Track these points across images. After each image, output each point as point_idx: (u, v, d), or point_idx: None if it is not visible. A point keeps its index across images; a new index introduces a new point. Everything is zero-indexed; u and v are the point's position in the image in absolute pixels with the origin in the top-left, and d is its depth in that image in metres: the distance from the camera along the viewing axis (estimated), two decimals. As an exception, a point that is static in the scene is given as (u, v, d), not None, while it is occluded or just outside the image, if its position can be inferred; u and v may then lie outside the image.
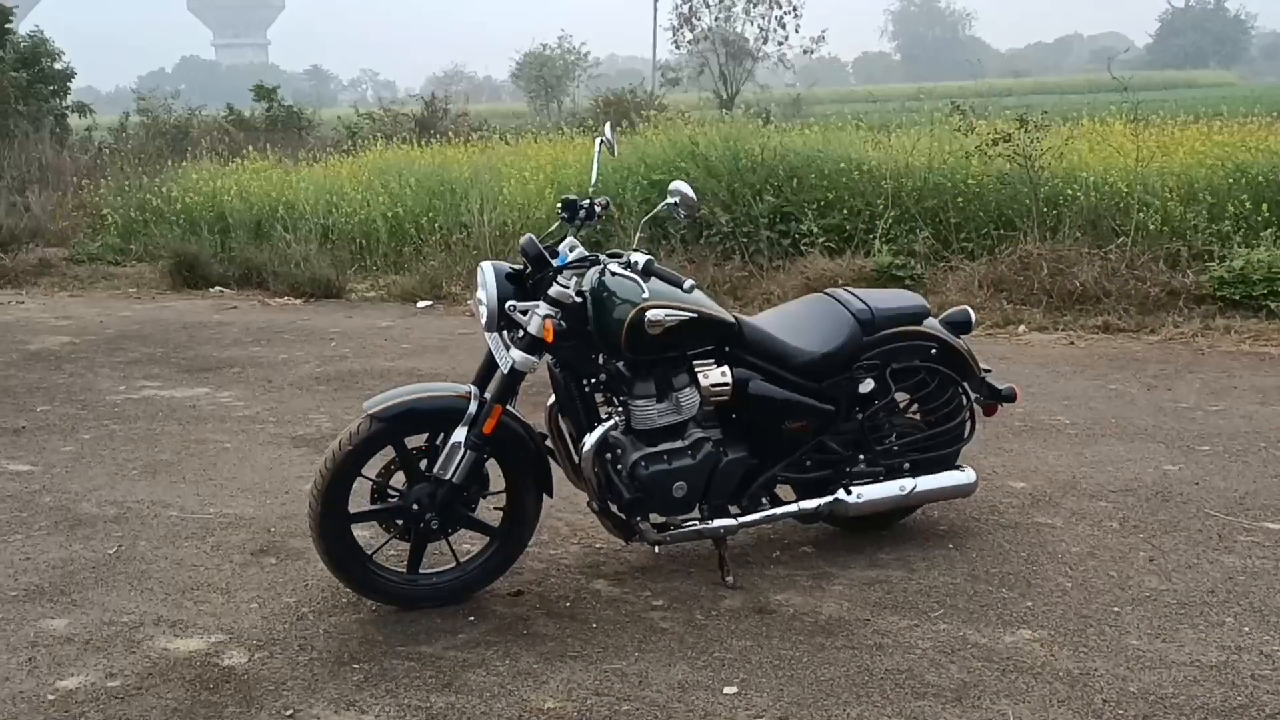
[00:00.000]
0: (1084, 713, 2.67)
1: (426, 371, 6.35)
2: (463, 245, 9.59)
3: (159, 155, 13.96)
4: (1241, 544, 3.64)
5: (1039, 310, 7.22)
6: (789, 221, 8.63)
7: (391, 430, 3.25)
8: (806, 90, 30.80)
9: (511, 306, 3.20)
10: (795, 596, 3.37)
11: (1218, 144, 8.55)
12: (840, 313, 3.63)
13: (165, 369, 6.71)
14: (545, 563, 3.67)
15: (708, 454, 3.37)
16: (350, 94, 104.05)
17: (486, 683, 2.90)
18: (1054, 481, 4.30)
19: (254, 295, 9.49)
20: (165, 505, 4.31)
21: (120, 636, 3.21)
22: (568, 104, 34.57)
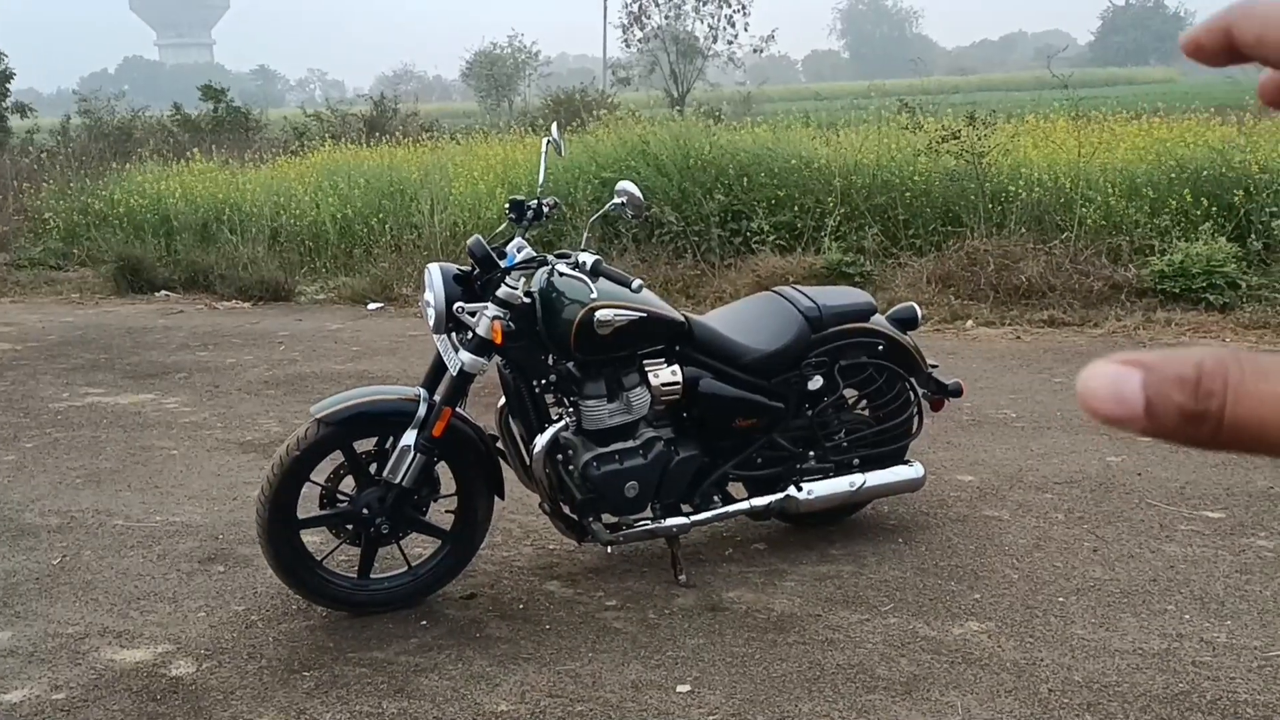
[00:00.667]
0: (1030, 702, 2.72)
1: (377, 374, 6.31)
2: (413, 246, 9.52)
3: (101, 157, 13.71)
4: (1182, 533, 3.72)
5: (986, 305, 7.31)
6: (740, 220, 8.67)
7: (340, 434, 3.23)
8: (757, 88, 30.92)
9: (460, 308, 3.19)
10: (747, 594, 3.39)
11: (1157, 140, 8.71)
12: (789, 311, 3.66)
13: (109, 375, 6.60)
14: (498, 565, 3.66)
15: (659, 453, 3.38)
16: (298, 94, 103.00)
17: (439, 687, 2.89)
18: (1001, 474, 4.36)
19: (200, 299, 9.35)
20: (110, 514, 4.24)
21: (65, 648, 3.16)
22: (518, 103, 34.45)
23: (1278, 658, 2.88)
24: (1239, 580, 3.34)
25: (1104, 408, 0.32)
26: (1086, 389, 0.32)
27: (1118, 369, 0.32)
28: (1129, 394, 0.31)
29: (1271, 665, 2.84)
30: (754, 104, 23.71)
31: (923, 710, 2.70)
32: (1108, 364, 0.32)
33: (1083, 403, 0.32)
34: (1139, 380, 0.31)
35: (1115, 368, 0.32)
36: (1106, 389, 0.32)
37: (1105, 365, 0.32)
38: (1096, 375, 0.32)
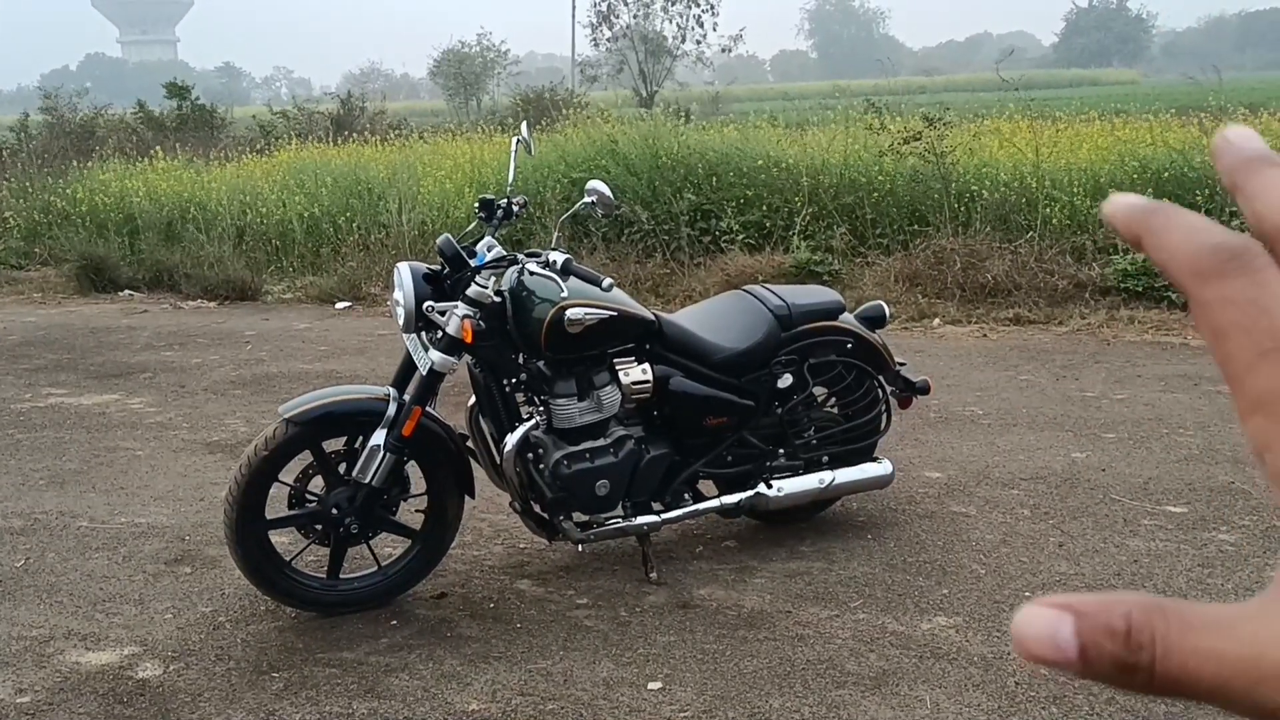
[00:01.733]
0: (998, 695, 2.75)
1: (345, 374, 6.27)
2: (381, 245, 9.47)
3: (63, 155, 13.52)
4: (1145, 527, 3.77)
5: (952, 304, 7.38)
6: (709, 219, 8.69)
7: (308, 434, 3.21)
8: (725, 88, 31.05)
9: (429, 307, 3.18)
10: (718, 591, 3.41)
11: (1120, 140, 8.82)
12: (758, 309, 3.68)
13: (73, 376, 6.52)
14: (468, 564, 3.65)
15: (630, 451, 3.39)
16: (263, 92, 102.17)
17: (410, 687, 2.88)
18: (968, 471, 4.40)
19: (165, 298, 9.26)
20: (74, 516, 4.19)
21: (30, 651, 3.12)
22: (487, 102, 34.35)
23: (1239, 649, 2.92)
24: (1201, 574, 3.39)
25: (1039, 651, 0.32)
26: (1022, 633, 0.32)
27: (1052, 615, 0.32)
28: (1063, 641, 0.32)
29: (1233, 657, 2.89)
30: (722, 103, 23.79)
31: (892, 705, 2.73)
32: (1042, 609, 0.32)
33: (1018, 645, 0.32)
34: (1071, 627, 0.32)
35: (1050, 614, 0.32)
36: (1041, 634, 0.32)
37: (1040, 610, 0.32)
38: (1032, 620, 0.32)
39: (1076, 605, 0.32)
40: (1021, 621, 0.32)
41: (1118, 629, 0.31)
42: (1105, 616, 0.32)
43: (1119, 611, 0.32)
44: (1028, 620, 0.32)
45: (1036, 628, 0.32)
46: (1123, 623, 0.31)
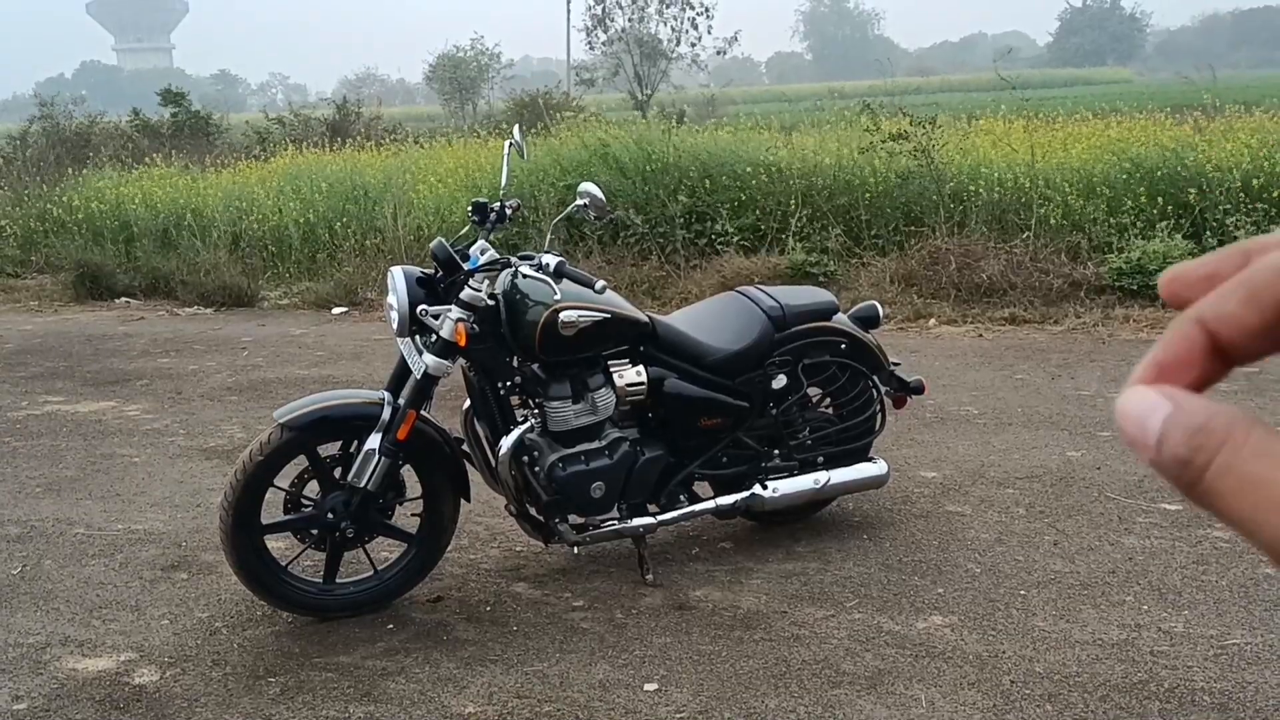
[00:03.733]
0: (993, 694, 2.76)
1: (341, 379, 6.27)
2: (377, 250, 9.47)
3: (59, 163, 13.52)
4: (1140, 525, 3.78)
5: (948, 304, 7.39)
6: (704, 221, 8.70)
7: (303, 439, 3.22)
8: (720, 90, 31.08)
9: (423, 311, 3.18)
10: (714, 592, 3.41)
11: (1114, 139, 8.83)
12: (752, 310, 3.68)
13: (69, 383, 6.52)
14: (464, 568, 3.66)
15: (625, 453, 3.39)
16: (259, 98, 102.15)
17: (406, 690, 2.88)
18: (963, 470, 4.41)
19: (162, 305, 9.26)
20: (71, 522, 4.19)
21: (26, 658, 3.12)
22: (482, 106, 34.35)
23: (1234, 646, 2.93)
24: (1195, 571, 3.40)
25: (1129, 429, 0.33)
26: (1124, 408, 0.34)
27: (1155, 399, 0.33)
28: (1151, 425, 0.33)
29: (1227, 653, 2.90)
30: (718, 106, 23.81)
31: (887, 704, 2.73)
32: (1148, 392, 0.33)
33: (1118, 419, 0.34)
34: (1164, 414, 0.33)
35: (1154, 397, 0.33)
36: (1137, 413, 0.33)
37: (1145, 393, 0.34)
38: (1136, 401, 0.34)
39: (1179, 397, 0.33)
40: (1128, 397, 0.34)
41: (1192, 424, 0.32)
42: (1190, 411, 0.32)
43: (1205, 411, 0.32)
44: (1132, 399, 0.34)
45: (1136, 407, 0.33)
46: (1201, 420, 0.32)
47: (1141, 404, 0.33)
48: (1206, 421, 0.32)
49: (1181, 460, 0.32)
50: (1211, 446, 0.31)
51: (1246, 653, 2.90)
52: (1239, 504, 0.31)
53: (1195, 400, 0.33)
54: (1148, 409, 0.33)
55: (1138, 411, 0.33)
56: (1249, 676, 2.78)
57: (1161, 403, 0.33)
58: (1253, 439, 0.31)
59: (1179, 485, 0.33)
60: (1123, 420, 0.34)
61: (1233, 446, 0.31)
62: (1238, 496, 0.31)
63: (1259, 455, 0.31)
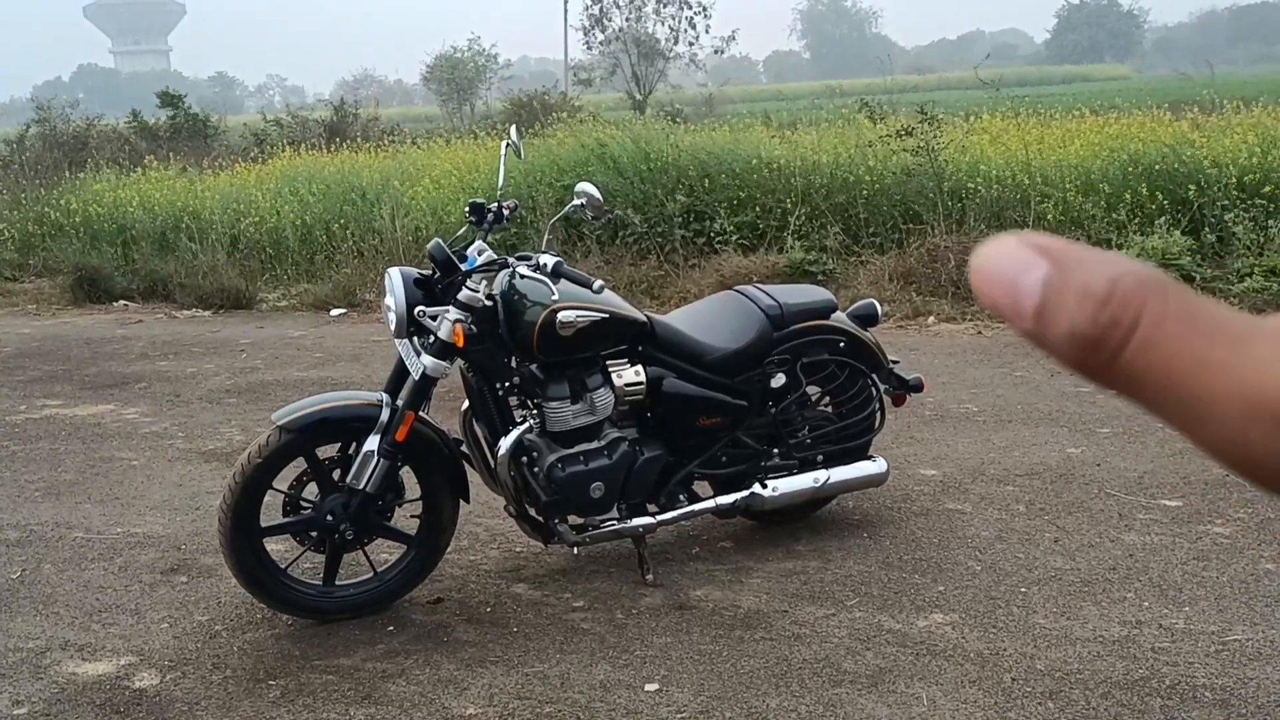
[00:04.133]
0: (994, 691, 2.75)
1: (340, 381, 6.27)
2: (375, 251, 9.47)
3: (56, 166, 13.52)
4: (1140, 522, 3.77)
5: (947, 301, 7.38)
6: (702, 220, 8.69)
7: (302, 441, 3.21)
8: (718, 89, 31.07)
9: (421, 312, 3.18)
10: (714, 591, 3.41)
11: (1112, 136, 8.82)
12: (750, 309, 3.68)
13: (68, 387, 6.51)
14: (464, 569, 3.65)
15: (624, 453, 3.39)
16: (257, 100, 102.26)
17: (407, 692, 2.88)
18: (963, 468, 4.41)
19: (160, 308, 9.25)
20: (70, 526, 4.19)
21: (26, 663, 3.11)
22: (480, 107, 34.34)
23: (1235, 642, 2.93)
24: (1196, 567, 3.39)
25: (993, 293, 0.26)
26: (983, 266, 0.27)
27: (1025, 254, 0.26)
28: (1026, 287, 0.26)
29: (1228, 649, 2.89)
30: (716, 105, 23.80)
31: (889, 702, 2.73)
32: (1016, 244, 0.26)
33: (974, 279, 0.27)
34: (1042, 275, 0.26)
35: (1023, 251, 0.26)
36: (1004, 271, 0.26)
37: (1013, 244, 0.26)
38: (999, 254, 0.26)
39: (1058, 252, 0.26)
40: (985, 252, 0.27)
41: (1094, 292, 0.26)
42: (1084, 274, 0.26)
43: (1106, 273, 0.26)
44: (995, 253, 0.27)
45: (1001, 264, 0.27)
46: (1104, 287, 0.26)
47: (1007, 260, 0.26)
48: (1112, 287, 0.25)
49: (1089, 340, 0.25)
50: (1126, 320, 0.25)
51: (1248, 648, 2.89)
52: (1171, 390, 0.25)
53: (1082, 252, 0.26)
54: (1017, 266, 0.26)
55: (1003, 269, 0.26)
56: (1250, 672, 2.78)
57: (1035, 259, 0.26)
58: (1173, 305, 0.25)
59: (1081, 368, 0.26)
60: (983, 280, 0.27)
61: (1151, 317, 0.25)
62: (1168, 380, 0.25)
63: (1187, 323, 0.25)
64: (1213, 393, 0.24)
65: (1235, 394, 0.24)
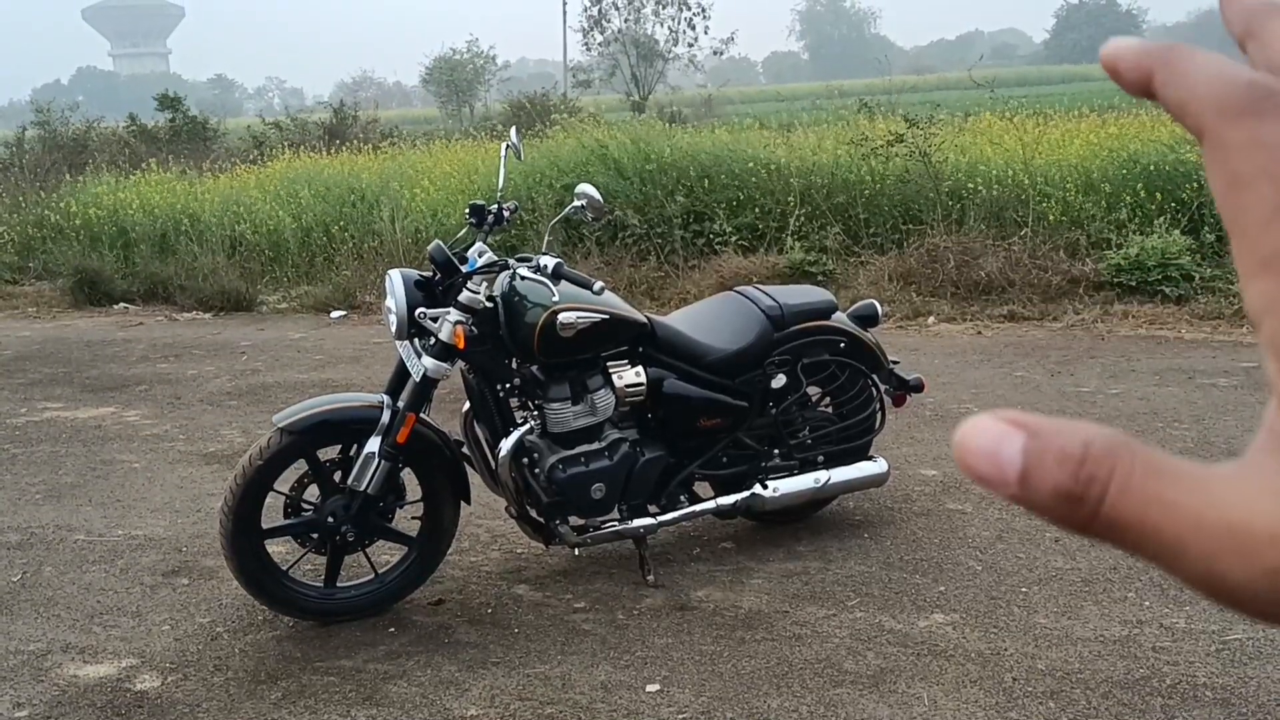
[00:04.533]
0: (995, 691, 2.75)
1: (341, 382, 6.27)
2: (375, 253, 9.47)
3: (56, 169, 13.52)
4: (1141, 521, 3.77)
5: (947, 301, 7.38)
6: (702, 221, 8.70)
7: (303, 443, 3.21)
8: (717, 90, 31.07)
9: (422, 314, 3.18)
10: (715, 592, 3.41)
11: (1111, 136, 8.83)
12: (751, 310, 3.68)
13: (68, 389, 6.51)
14: (465, 570, 3.65)
15: (625, 454, 3.39)
16: (256, 102, 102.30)
17: (408, 694, 2.88)
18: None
19: (160, 311, 9.25)
20: (71, 529, 4.19)
21: (27, 665, 3.12)
22: (479, 108, 34.36)
23: (1235, 641, 2.93)
24: (1197, 566, 3.39)
25: (978, 466, 0.29)
26: (964, 443, 0.30)
27: (1001, 428, 0.29)
28: (1007, 456, 0.29)
29: (1229, 649, 2.90)
30: (715, 106, 23.82)
31: (890, 703, 2.73)
32: (991, 420, 0.30)
33: (958, 456, 0.30)
34: (1020, 444, 0.29)
35: (999, 426, 0.29)
36: (985, 446, 0.29)
37: (988, 421, 0.30)
38: (977, 431, 0.30)
39: (1030, 423, 0.29)
40: (966, 431, 0.30)
41: (1070, 455, 0.28)
42: (1061, 440, 0.29)
43: (1077, 438, 0.29)
44: (973, 431, 0.30)
45: (981, 440, 0.29)
46: (1079, 449, 0.28)
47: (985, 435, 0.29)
48: (1085, 449, 0.28)
49: (1071, 496, 0.28)
50: (1103, 476, 0.28)
51: (1248, 648, 2.89)
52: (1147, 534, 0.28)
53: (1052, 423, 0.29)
54: (995, 439, 0.29)
55: (983, 444, 0.29)
56: (1251, 671, 2.78)
57: (1010, 431, 0.29)
58: (1140, 457, 0.28)
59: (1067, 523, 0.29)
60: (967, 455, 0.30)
61: (1122, 472, 0.28)
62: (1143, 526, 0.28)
63: (1155, 475, 0.28)
64: (1181, 533, 0.28)
65: (1201, 532, 0.27)
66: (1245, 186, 0.29)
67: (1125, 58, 0.32)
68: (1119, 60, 0.32)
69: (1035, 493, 0.29)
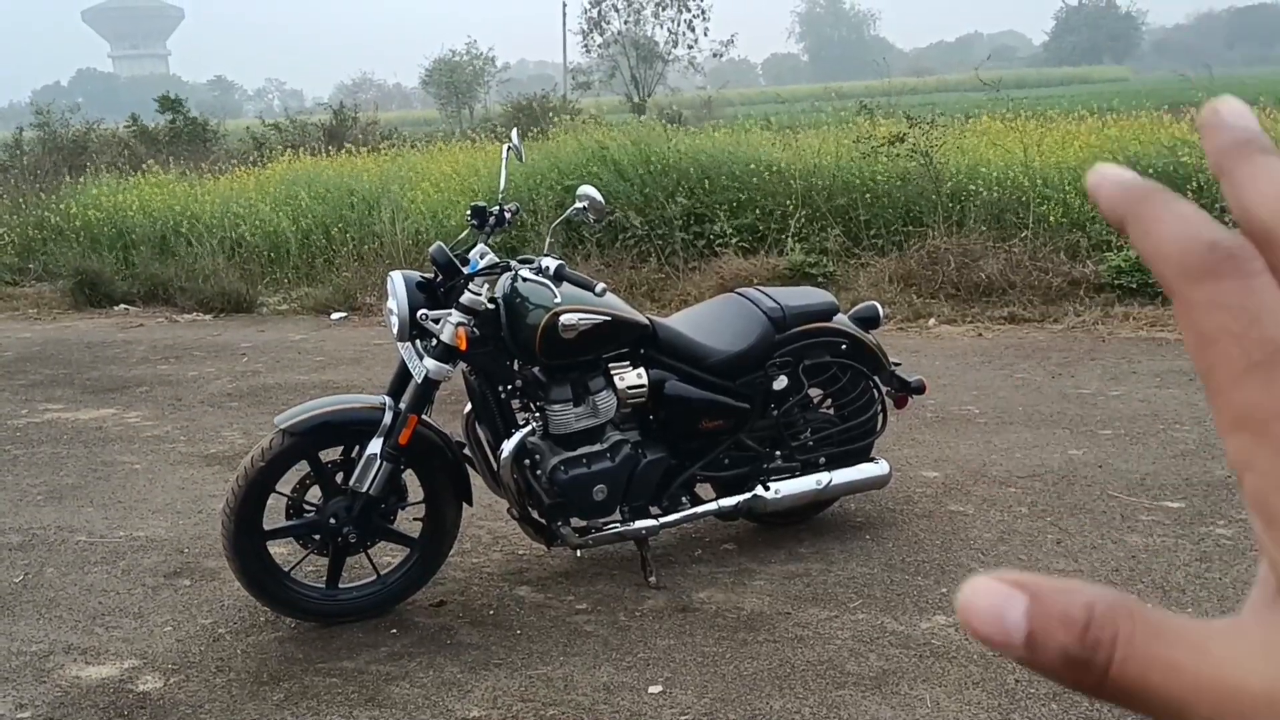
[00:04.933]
0: (997, 693, 2.75)
1: (341, 384, 6.27)
2: (375, 255, 9.47)
3: (55, 171, 13.52)
4: (1143, 523, 3.78)
5: (947, 303, 7.39)
6: (703, 223, 8.70)
7: (305, 444, 3.21)
8: (717, 92, 31.09)
9: (424, 315, 3.18)
10: (717, 594, 3.41)
11: (1111, 138, 8.84)
12: (752, 312, 3.68)
13: (69, 390, 6.51)
14: (467, 571, 3.65)
15: (626, 456, 3.39)
16: (256, 104, 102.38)
17: (410, 695, 2.88)
18: (965, 470, 4.41)
19: (161, 312, 9.25)
20: (73, 530, 4.19)
21: (29, 666, 3.12)
22: (479, 110, 34.37)
23: (1237, 643, 2.93)
24: (1199, 568, 3.40)
25: (984, 629, 0.29)
26: (968, 605, 0.30)
27: (1004, 591, 0.29)
28: (1011, 621, 0.29)
29: (1231, 650, 2.89)
30: (715, 107, 23.83)
31: (892, 704, 2.73)
32: (994, 583, 0.30)
33: (962, 617, 0.30)
34: (1024, 609, 0.29)
35: (1001, 589, 0.29)
36: (989, 610, 0.29)
37: (991, 584, 0.30)
38: (981, 593, 0.30)
39: (1032, 586, 0.29)
40: (969, 593, 0.30)
41: (1075, 619, 0.29)
42: (1063, 604, 0.29)
43: (1080, 601, 0.29)
44: (976, 593, 0.30)
45: (984, 603, 0.29)
46: (1082, 614, 0.29)
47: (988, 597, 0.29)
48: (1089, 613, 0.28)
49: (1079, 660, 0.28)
50: (1108, 640, 0.28)
51: (1251, 650, 2.89)
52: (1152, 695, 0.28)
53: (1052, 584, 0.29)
54: (999, 601, 0.29)
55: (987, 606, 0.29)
56: (1253, 673, 2.78)
57: (1012, 594, 0.29)
58: (1140, 620, 0.28)
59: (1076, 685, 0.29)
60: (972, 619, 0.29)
61: (1125, 635, 0.28)
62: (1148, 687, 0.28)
63: (1156, 637, 0.28)
64: (1183, 696, 0.28)
65: (1200, 695, 0.28)
66: (1211, 344, 0.29)
67: (1105, 194, 0.33)
68: (1100, 195, 0.33)
69: (1043, 656, 0.29)
